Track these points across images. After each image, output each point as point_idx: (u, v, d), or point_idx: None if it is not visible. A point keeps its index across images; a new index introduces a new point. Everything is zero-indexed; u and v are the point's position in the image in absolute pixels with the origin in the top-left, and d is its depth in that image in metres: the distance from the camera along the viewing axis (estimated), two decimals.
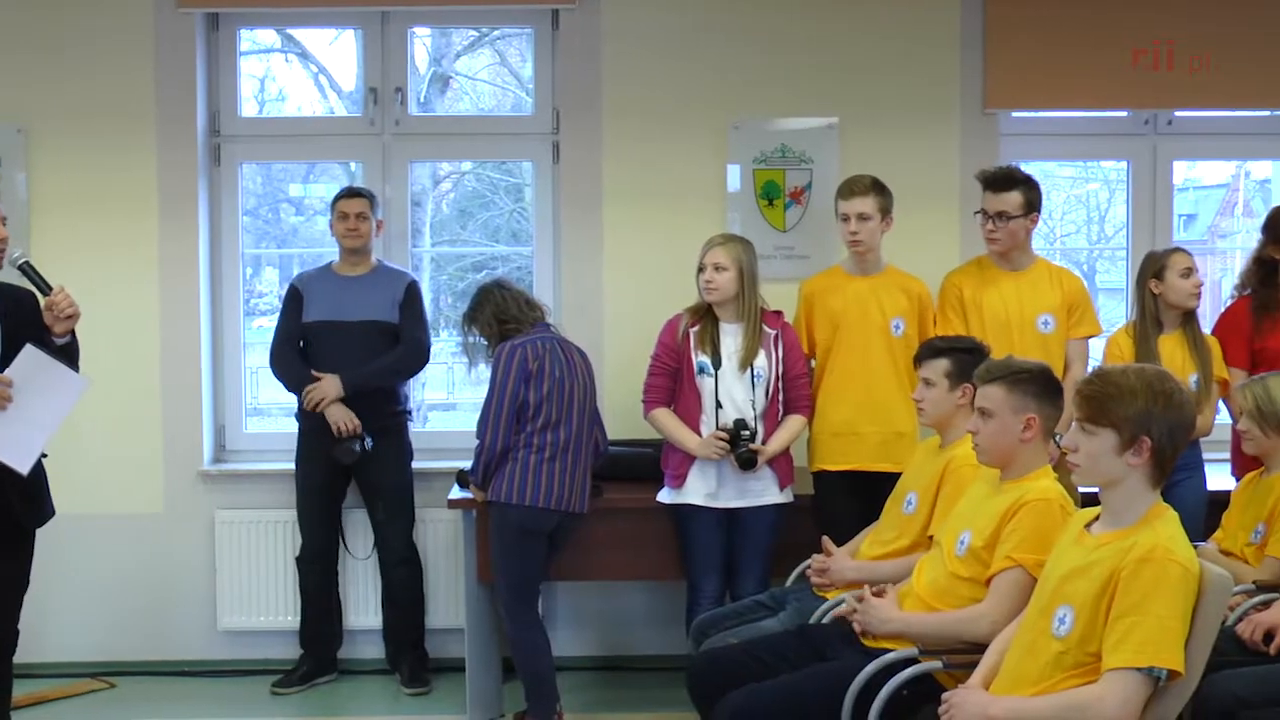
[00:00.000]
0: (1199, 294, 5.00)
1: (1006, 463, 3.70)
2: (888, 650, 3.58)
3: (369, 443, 5.40)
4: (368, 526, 5.63)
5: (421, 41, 7.66)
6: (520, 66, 7.87)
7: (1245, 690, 3.49)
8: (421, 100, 6.62)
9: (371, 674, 5.74)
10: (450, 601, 5.72)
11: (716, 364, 4.83)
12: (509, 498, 4.74)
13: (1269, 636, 3.88)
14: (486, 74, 9.24)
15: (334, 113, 7.29)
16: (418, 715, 5.31)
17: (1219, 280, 7.42)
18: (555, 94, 5.88)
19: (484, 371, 4.94)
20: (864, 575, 4.23)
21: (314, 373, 5.39)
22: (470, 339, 5.02)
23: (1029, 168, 5.26)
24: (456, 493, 5.13)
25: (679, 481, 4.86)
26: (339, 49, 7.12)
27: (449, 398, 9.52)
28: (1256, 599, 4.05)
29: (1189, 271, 5.00)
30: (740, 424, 4.78)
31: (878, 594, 3.82)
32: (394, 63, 5.93)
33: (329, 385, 5.36)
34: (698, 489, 4.85)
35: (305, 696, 5.51)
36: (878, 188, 5.01)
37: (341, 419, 5.36)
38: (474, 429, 4.87)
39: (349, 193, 5.56)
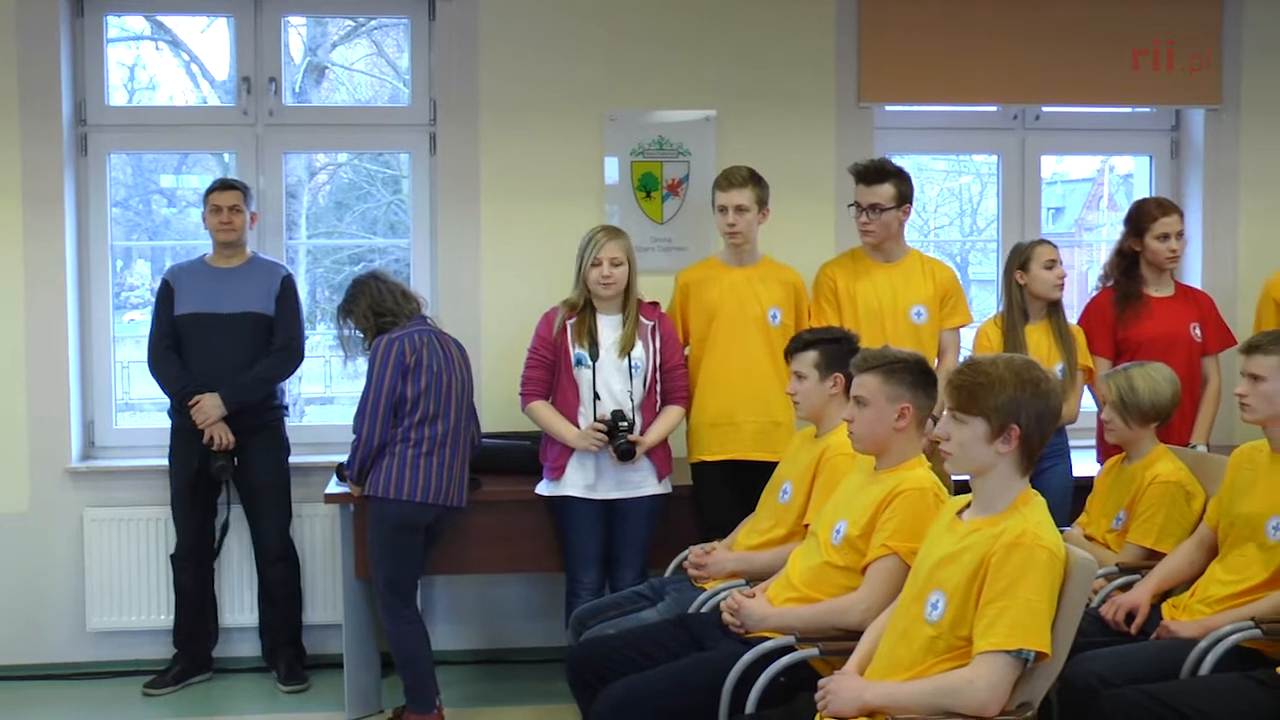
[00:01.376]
0: (1062, 285, 5.11)
1: (881, 451, 3.75)
2: (765, 639, 3.62)
3: (236, 461, 5.37)
4: (244, 523, 5.54)
5: (296, 31, 7.58)
6: (397, 57, 7.80)
7: (1107, 670, 3.58)
8: (296, 90, 6.55)
9: (248, 672, 5.65)
10: (328, 597, 5.66)
11: (594, 356, 4.83)
12: (386, 492, 4.70)
13: (1130, 617, 4.00)
14: (363, 64, 9.16)
15: (206, 102, 7.17)
16: (296, 713, 5.24)
17: (1085, 272, 7.61)
18: (432, 85, 5.83)
19: (361, 365, 4.88)
20: (741, 565, 4.27)
21: (195, 393, 5.29)
22: (346, 332, 4.97)
23: (903, 161, 5.35)
24: (334, 487, 5.08)
25: (557, 473, 4.86)
26: (211, 37, 6.99)
27: (326, 391, 9.43)
28: (1118, 581, 4.18)
29: (1052, 263, 5.11)
30: (618, 415, 4.79)
31: (747, 596, 3.86)
32: (268, 52, 5.83)
33: (211, 407, 5.28)
34: (576, 481, 4.85)
35: (179, 697, 5.41)
36: (755, 179, 5.05)
37: (219, 433, 5.29)
38: (351, 423, 4.82)
39: (221, 185, 5.46)
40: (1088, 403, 5.27)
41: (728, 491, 4.98)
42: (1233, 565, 3.90)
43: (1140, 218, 5.32)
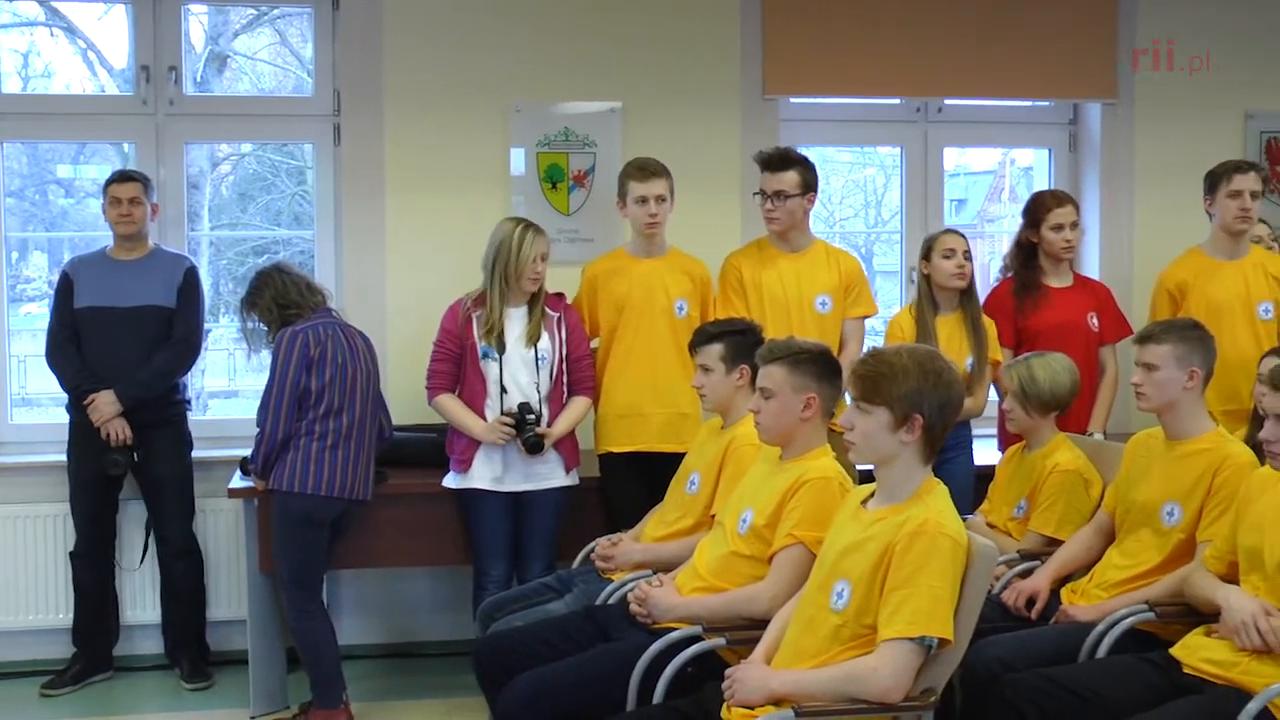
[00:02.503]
0: (962, 275, 5.14)
1: (787, 441, 3.77)
2: (673, 629, 3.63)
3: (136, 456, 5.28)
4: (145, 519, 5.46)
5: (197, 19, 7.46)
6: (301, 47, 7.71)
7: (1008, 654, 3.63)
8: (198, 80, 6.45)
9: (150, 670, 5.56)
10: (232, 593, 5.58)
11: (500, 348, 4.82)
12: (291, 486, 4.65)
13: (1030, 603, 4.08)
14: (266, 54, 9.04)
15: (104, 91, 7.03)
16: (199, 711, 5.17)
17: (987, 263, 7.72)
18: (336, 75, 5.77)
19: (266, 358, 4.82)
20: (649, 557, 4.28)
21: (90, 390, 5.20)
22: (250, 325, 4.90)
23: (808, 152, 5.38)
24: (237, 481, 5.03)
25: (464, 466, 4.84)
26: (109, 24, 6.86)
27: (230, 385, 9.30)
28: (1019, 568, 4.25)
29: (950, 253, 5.15)
30: (525, 408, 4.78)
31: (654, 586, 3.87)
32: (167, 40, 5.73)
33: (105, 405, 5.19)
34: (483, 473, 4.84)
35: (79, 696, 5.31)
36: (666, 170, 5.06)
37: (116, 429, 5.21)
38: (255, 416, 4.76)
39: (120, 177, 5.37)
40: (992, 395, 5.35)
41: (635, 483, 4.98)
42: (1129, 550, 3.98)
43: (1036, 209, 5.41)
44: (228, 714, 5.09)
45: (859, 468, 3.65)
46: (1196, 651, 3.46)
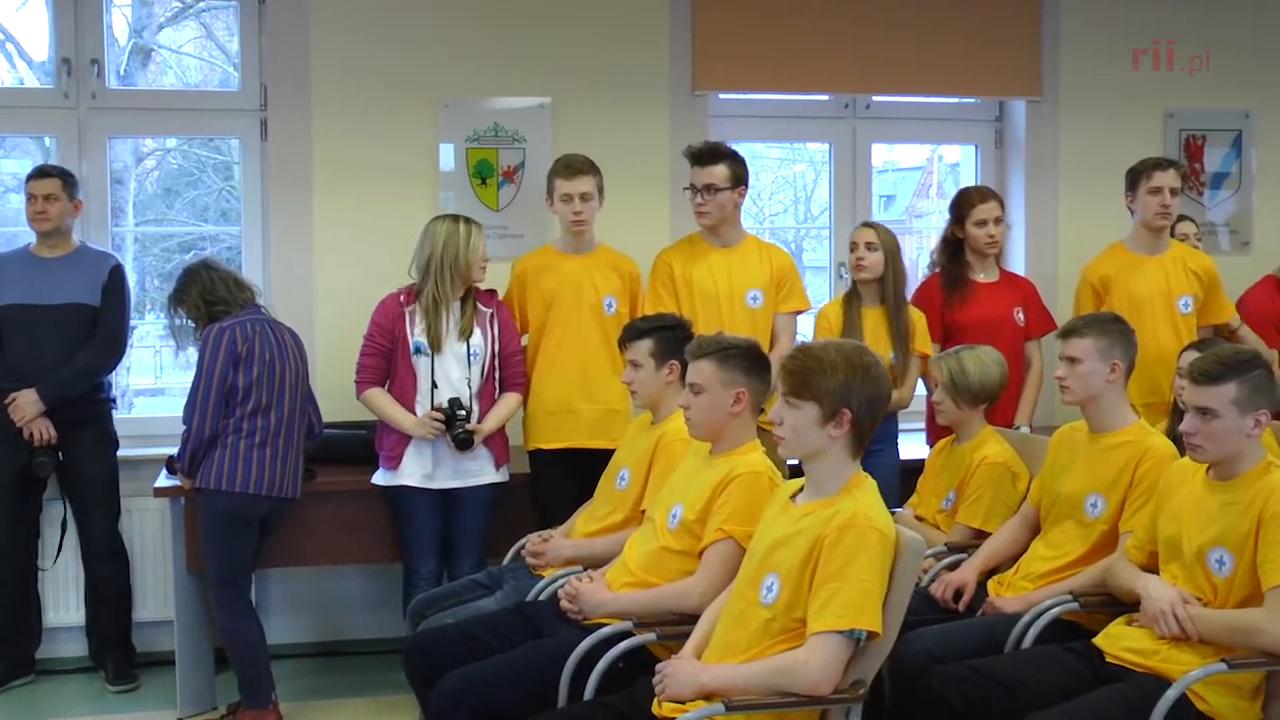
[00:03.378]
0: (860, 267, 5.17)
1: (717, 436, 3.78)
2: (603, 625, 3.63)
3: (60, 456, 5.21)
4: (69, 519, 5.38)
5: (120, 11, 7.36)
6: (227, 41, 7.64)
7: (936, 646, 3.68)
8: (121, 73, 6.36)
9: (73, 673, 5.48)
10: (158, 593, 5.52)
11: (433, 344, 4.80)
12: (218, 484, 4.60)
13: (958, 595, 4.12)
14: (192, 47, 8.94)
15: (24, 84, 6.92)
16: (125, 713, 5.10)
17: (915, 259, 7.78)
18: (263, 70, 5.72)
19: (193, 355, 4.77)
20: (579, 553, 4.28)
21: (10, 390, 5.11)
22: (177, 321, 4.85)
23: (738, 148, 5.39)
24: (164, 480, 4.97)
25: (394, 463, 4.82)
26: (28, 15, 6.74)
27: (157, 382, 9.19)
28: (947, 560, 4.30)
29: (854, 245, 5.21)
30: (455, 403, 4.77)
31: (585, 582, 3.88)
32: (89, 32, 5.64)
33: (27, 404, 5.11)
34: (413, 470, 4.82)
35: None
36: (594, 167, 5.06)
37: (39, 428, 5.13)
38: (181, 414, 4.71)
39: (38, 173, 5.28)
40: (920, 387, 5.39)
41: (565, 479, 4.98)
42: (1053, 542, 4.04)
43: (961, 205, 5.47)
44: (154, 716, 5.03)
45: (790, 462, 3.68)
46: (1118, 640, 3.52)
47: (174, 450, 4.81)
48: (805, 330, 5.55)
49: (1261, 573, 3.28)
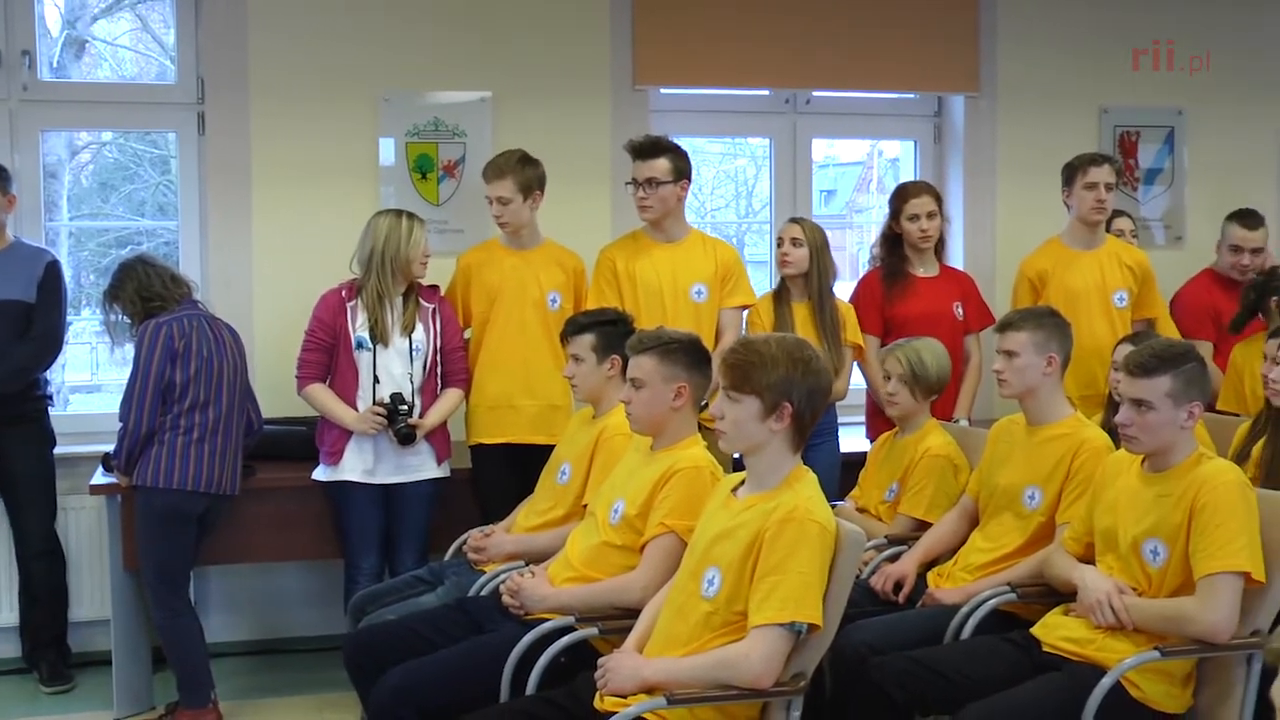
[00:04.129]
0: (784, 262, 5.20)
1: (658, 431, 3.79)
2: (545, 620, 3.63)
3: None
4: (3, 518, 5.31)
5: (53, 2, 7.24)
6: (163, 33, 7.55)
7: (876, 638, 3.71)
8: (54, 65, 6.27)
9: (6, 674, 5.40)
10: (95, 592, 5.46)
11: (374, 339, 4.78)
12: (155, 481, 4.56)
13: (898, 586, 4.15)
14: (127, 39, 8.82)
15: None
16: (60, 715, 5.03)
17: (856, 253, 7.83)
18: (200, 63, 5.66)
19: (129, 351, 4.72)
20: (521, 548, 4.28)
21: None
22: (113, 317, 4.80)
23: (679, 142, 5.39)
24: (100, 478, 4.92)
25: (335, 458, 4.80)
26: None
27: (93, 379, 9.06)
28: (887, 553, 4.33)
29: (780, 241, 5.24)
30: (397, 398, 4.75)
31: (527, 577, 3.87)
32: (20, 23, 5.56)
33: None
34: (354, 465, 4.80)
35: None
36: (518, 167, 5.02)
37: None
38: (118, 411, 4.66)
39: None
40: (856, 380, 5.42)
41: (507, 474, 4.98)
42: (992, 534, 4.08)
43: (897, 200, 5.51)
44: (90, 717, 4.97)
45: (734, 456, 3.69)
46: (1055, 630, 3.57)
47: (110, 447, 4.76)
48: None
49: (1193, 562, 3.34)
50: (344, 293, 4.85)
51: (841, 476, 5.01)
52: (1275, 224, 6.40)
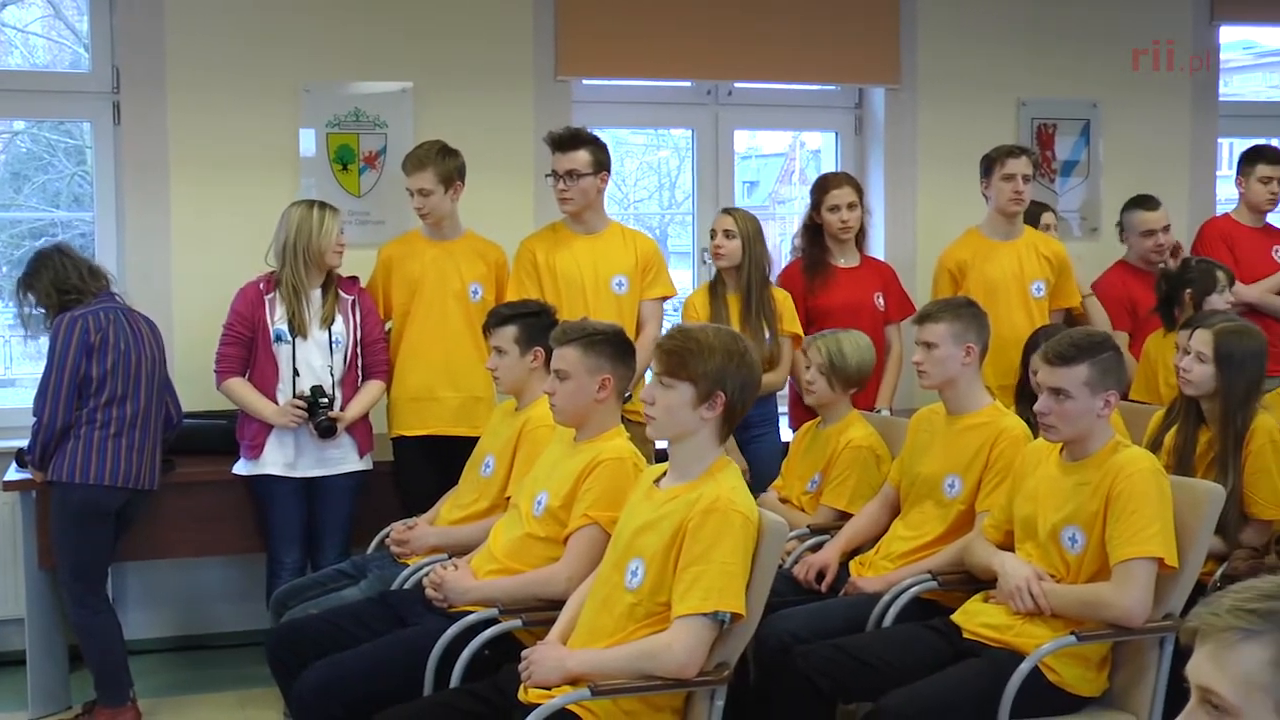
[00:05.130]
0: (717, 254, 5.23)
1: (582, 423, 3.79)
2: (469, 612, 3.62)
3: None
4: None
5: None
6: (76, 20, 7.40)
7: (799, 627, 3.73)
8: None
9: None
10: (8, 591, 5.35)
11: (294, 332, 4.74)
12: (71, 476, 4.49)
13: (821, 576, 4.18)
14: (39, 26, 8.66)
15: None
16: None
17: (778, 244, 7.85)
18: (115, 51, 5.56)
19: (44, 344, 4.64)
20: (444, 540, 4.26)
21: None
22: (27, 309, 4.71)
23: (601, 134, 5.39)
24: (13, 474, 4.84)
25: (256, 452, 4.76)
26: None
27: (6, 373, 8.90)
28: (810, 542, 4.36)
29: (713, 233, 5.26)
30: (318, 391, 4.71)
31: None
32: None
33: None
34: (275, 459, 4.76)
35: None
36: (438, 158, 5.00)
37: None
38: (32, 405, 4.58)
39: None
40: None
41: (429, 467, 4.96)
42: (913, 522, 4.12)
43: (817, 191, 5.55)
44: (4, 718, 4.88)
45: (658, 445, 3.69)
46: (975, 617, 3.61)
47: (24, 443, 4.68)
48: (670, 317, 5.57)
49: (1109, 549, 3.39)
50: (262, 285, 4.80)
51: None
52: (1187, 215, 6.53)
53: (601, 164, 5.11)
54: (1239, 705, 1.66)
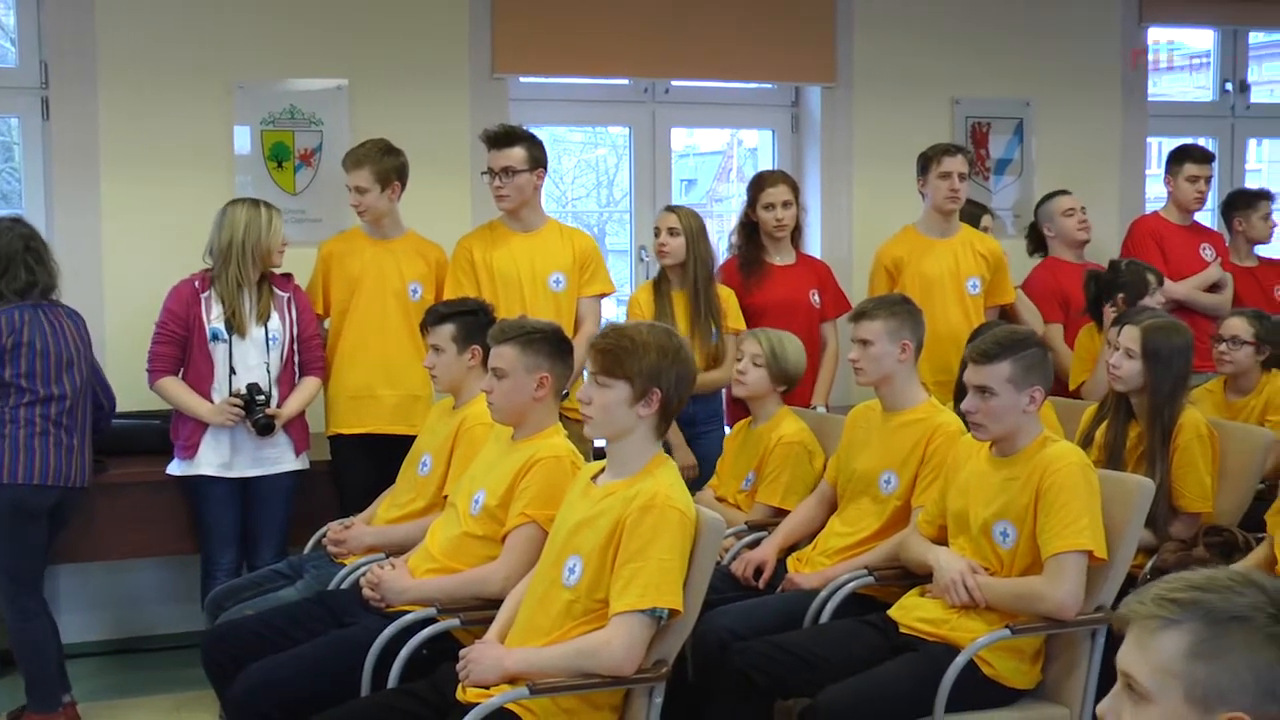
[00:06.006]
0: (661, 252, 5.24)
1: (519, 421, 3.78)
2: (406, 612, 3.61)
3: None
4: None
5: None
6: (3, 14, 7.29)
7: (736, 623, 3.75)
8: None
9: None
10: None
11: (229, 329, 4.70)
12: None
13: (758, 572, 4.20)
14: None
15: None
16: None
17: (716, 242, 7.87)
18: (43, 45, 5.48)
19: None
20: (381, 540, 4.25)
21: None
22: None
23: (539, 132, 5.39)
24: None
25: (190, 452, 4.71)
26: None
27: None
28: (747, 539, 4.38)
29: (657, 231, 5.27)
30: (255, 389, 4.68)
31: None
32: None
33: None
34: (210, 459, 4.72)
35: None
36: (377, 156, 4.99)
37: None
38: None
39: None
40: None
41: (367, 465, 4.94)
42: (849, 518, 4.14)
43: (753, 188, 5.58)
44: None
45: (597, 443, 3.69)
46: (911, 611, 3.64)
47: None
48: (610, 315, 5.58)
49: (1040, 543, 3.44)
50: (197, 283, 4.76)
51: None
52: (1118, 213, 6.62)
53: (538, 161, 5.11)
54: (1153, 691, 1.71)
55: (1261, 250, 6.45)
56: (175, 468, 4.78)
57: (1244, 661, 1.68)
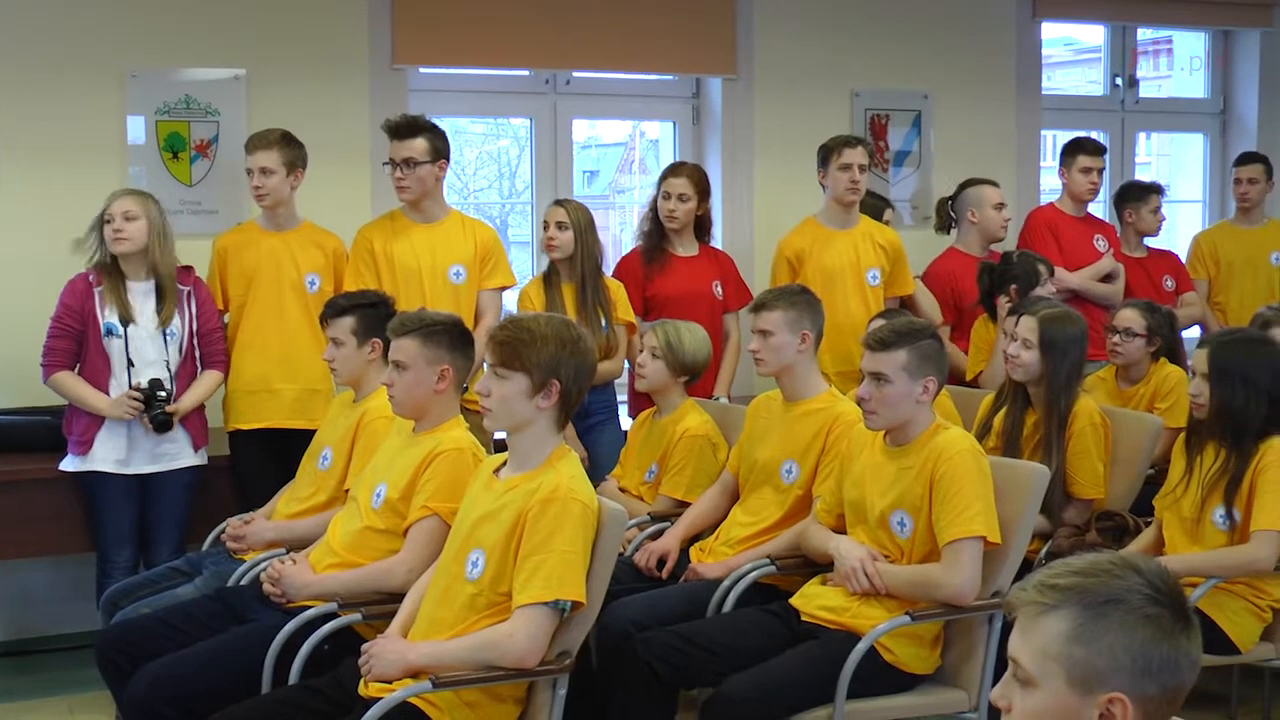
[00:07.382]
0: (549, 245, 5.22)
1: (421, 414, 3.76)
2: (308, 607, 3.58)
3: None
4: None
5: None
6: None
7: (640, 614, 3.77)
8: None
9: None
10: None
11: (125, 323, 4.62)
12: None
13: (661, 563, 4.22)
14: None
15: None
16: None
17: (619, 234, 7.89)
18: None
19: None
20: (281, 535, 4.20)
21: None
22: None
23: (440, 123, 5.35)
24: None
25: (85, 448, 4.63)
26: None
27: None
28: (650, 530, 4.39)
29: (546, 224, 5.26)
30: (156, 384, 4.61)
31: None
32: None
33: None
34: (106, 455, 4.64)
35: None
36: (285, 142, 4.94)
37: None
38: None
39: None
40: None
41: (266, 460, 4.88)
42: (752, 508, 4.18)
43: (660, 179, 5.58)
44: None
45: (496, 437, 3.68)
46: (813, 600, 3.68)
47: None
48: (509, 308, 5.55)
49: (936, 531, 3.50)
50: (91, 277, 4.68)
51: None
52: (1014, 204, 6.72)
53: (440, 152, 5.08)
54: (1037, 676, 1.75)
55: (1150, 242, 6.58)
56: (69, 464, 4.69)
57: (1120, 643, 1.73)
